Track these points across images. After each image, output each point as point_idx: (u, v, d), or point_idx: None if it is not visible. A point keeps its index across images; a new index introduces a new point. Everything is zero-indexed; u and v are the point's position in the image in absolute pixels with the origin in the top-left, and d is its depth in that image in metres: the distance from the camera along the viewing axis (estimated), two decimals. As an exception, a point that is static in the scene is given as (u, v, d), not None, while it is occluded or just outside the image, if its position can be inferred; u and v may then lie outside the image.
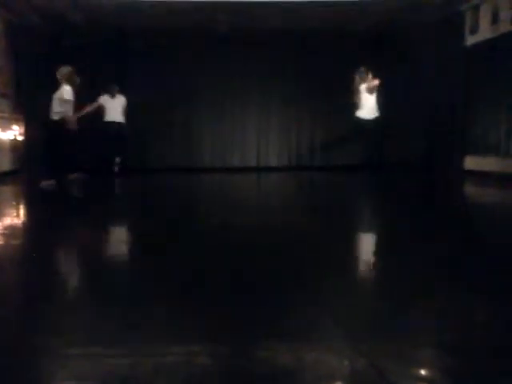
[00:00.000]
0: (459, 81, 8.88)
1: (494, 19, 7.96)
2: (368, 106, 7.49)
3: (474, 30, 8.51)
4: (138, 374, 1.44)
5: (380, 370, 1.42)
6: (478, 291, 2.21)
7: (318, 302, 2.04)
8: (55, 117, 7.22)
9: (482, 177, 8.06)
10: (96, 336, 1.71)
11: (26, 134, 9.14)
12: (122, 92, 9.31)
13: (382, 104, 7.58)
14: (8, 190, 7.30)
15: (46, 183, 6.75)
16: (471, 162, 8.64)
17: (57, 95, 7.17)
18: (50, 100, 7.23)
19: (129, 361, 1.51)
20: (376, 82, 7.67)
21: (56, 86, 7.22)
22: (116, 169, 9.13)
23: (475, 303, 2.07)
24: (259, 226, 3.97)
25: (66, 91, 7.09)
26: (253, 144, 10.92)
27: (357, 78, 8.12)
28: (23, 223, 4.42)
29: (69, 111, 7.20)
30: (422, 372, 1.48)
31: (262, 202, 6.12)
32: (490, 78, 8.00)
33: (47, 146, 7.70)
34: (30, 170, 8.75)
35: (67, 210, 5.18)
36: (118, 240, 3.71)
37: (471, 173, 8.48)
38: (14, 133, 8.86)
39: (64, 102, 7.10)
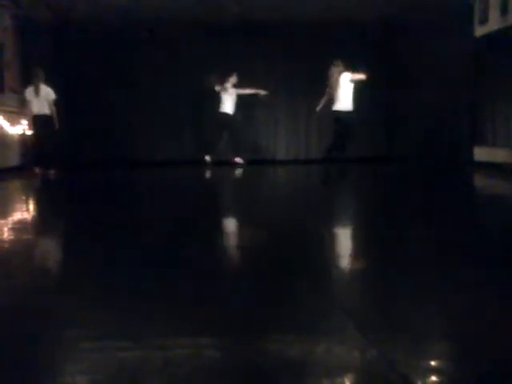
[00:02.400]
0: (468, 71, 8.79)
1: (504, 9, 7.86)
2: (346, 99, 7.25)
3: (484, 21, 8.42)
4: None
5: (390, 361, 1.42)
6: (486, 284, 2.21)
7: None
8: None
9: (492, 168, 7.98)
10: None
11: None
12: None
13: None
14: (22, 184, 7.35)
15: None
16: (481, 154, 8.56)
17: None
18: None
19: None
20: (362, 76, 7.28)
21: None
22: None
23: (485, 295, 2.06)
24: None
25: None
26: (261, 137, 10.88)
27: (333, 70, 7.62)
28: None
29: None
30: (433, 363, 1.48)
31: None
32: (500, 69, 7.92)
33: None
34: (39, 164, 8.75)
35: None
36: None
37: (481, 164, 8.40)
38: (23, 127, 8.87)
39: None
